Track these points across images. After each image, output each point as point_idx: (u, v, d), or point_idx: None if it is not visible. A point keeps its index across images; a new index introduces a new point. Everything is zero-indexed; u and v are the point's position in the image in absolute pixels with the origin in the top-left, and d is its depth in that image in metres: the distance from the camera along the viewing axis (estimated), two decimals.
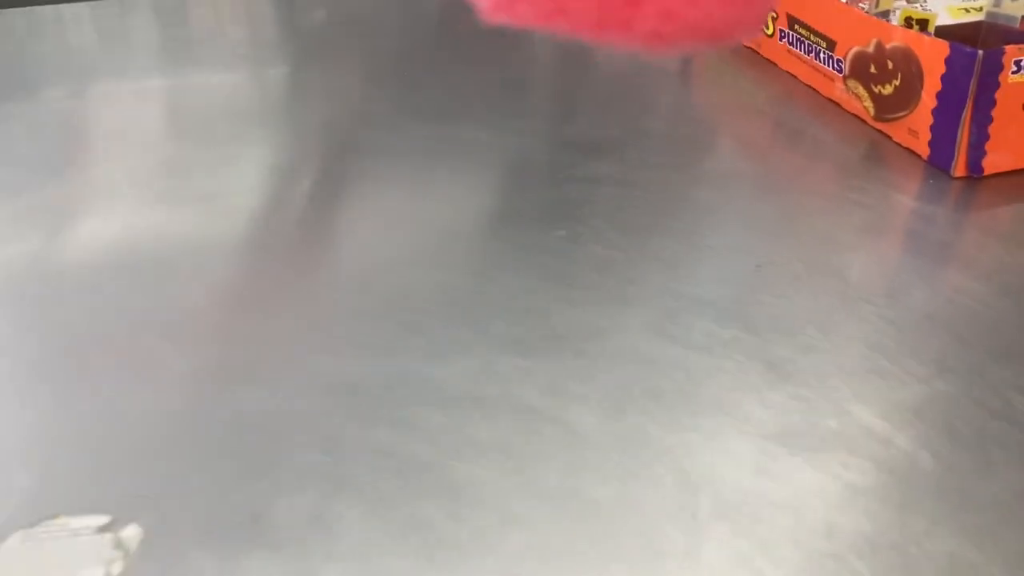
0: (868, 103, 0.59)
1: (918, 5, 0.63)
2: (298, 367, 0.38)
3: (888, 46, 0.55)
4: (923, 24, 0.57)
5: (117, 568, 0.29)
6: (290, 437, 0.34)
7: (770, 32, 0.70)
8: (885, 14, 0.61)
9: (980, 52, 0.49)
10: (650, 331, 0.40)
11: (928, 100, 0.53)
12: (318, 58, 0.81)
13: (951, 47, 0.51)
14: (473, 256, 0.47)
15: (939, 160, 0.54)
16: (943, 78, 0.51)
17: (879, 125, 0.59)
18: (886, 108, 0.57)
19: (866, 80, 0.59)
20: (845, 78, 0.61)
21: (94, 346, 0.39)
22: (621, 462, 0.33)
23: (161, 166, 0.56)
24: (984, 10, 0.61)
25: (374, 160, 0.59)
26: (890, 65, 0.55)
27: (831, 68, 0.62)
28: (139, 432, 0.35)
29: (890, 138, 0.58)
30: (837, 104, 0.63)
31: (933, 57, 0.52)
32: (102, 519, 0.31)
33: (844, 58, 0.60)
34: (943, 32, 0.58)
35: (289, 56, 0.83)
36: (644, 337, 0.40)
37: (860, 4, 0.64)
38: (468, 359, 0.39)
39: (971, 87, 0.50)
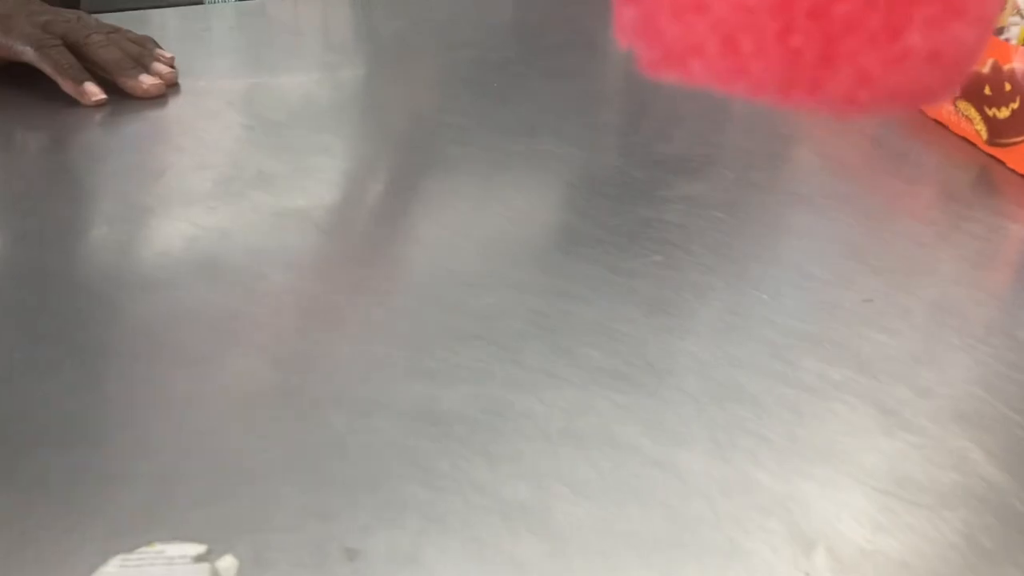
0: (980, 126, 0.56)
1: None
2: (393, 393, 0.37)
3: (1006, 67, 0.53)
4: None
5: None
6: (387, 468, 0.33)
7: None
8: (1000, 31, 0.59)
9: None
10: (756, 368, 0.38)
11: None
12: (398, 68, 0.81)
13: None
14: (564, 279, 0.46)
15: None
16: None
17: (991, 150, 0.56)
18: (1001, 132, 0.55)
19: (979, 102, 0.56)
20: (955, 99, 0.58)
21: (190, 369, 0.39)
22: (729, 511, 0.31)
23: (241, 176, 0.56)
24: None
25: (458, 176, 0.58)
26: (1008, 87, 0.53)
27: None
28: (235, 459, 0.34)
29: (1003, 164, 0.55)
30: (943, 125, 0.61)
31: None
32: (199, 548, 0.30)
33: None
34: None
35: (368, 65, 0.83)
36: (750, 375, 0.38)
37: None
38: (564, 391, 0.37)
39: None
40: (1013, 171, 0.54)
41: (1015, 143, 0.53)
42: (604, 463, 0.34)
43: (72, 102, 0.65)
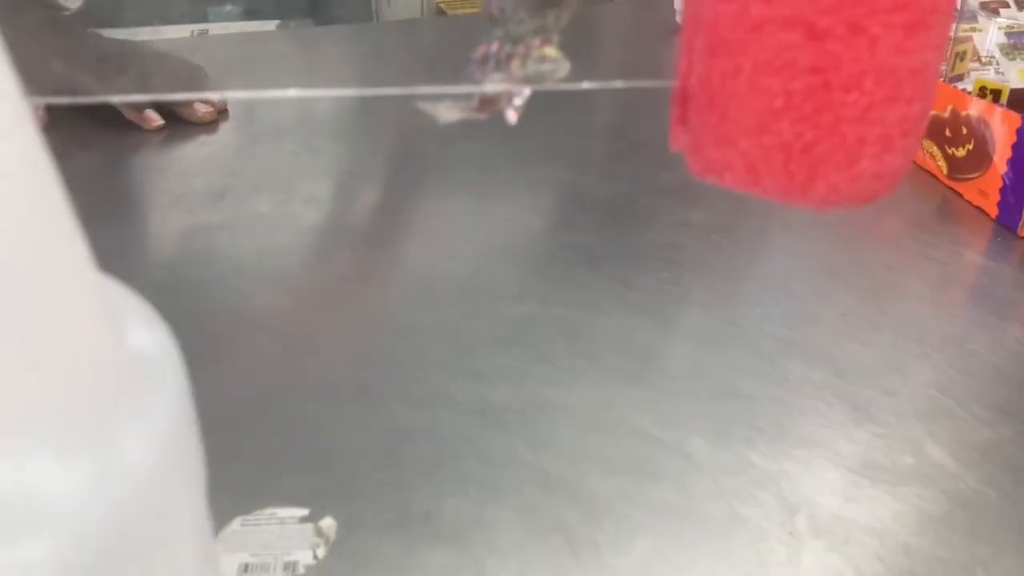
0: (942, 162, 0.65)
1: (991, 69, 0.68)
2: (448, 389, 0.45)
3: (963, 113, 0.61)
4: (996, 95, 0.62)
5: (322, 552, 0.36)
6: (448, 450, 0.41)
7: None
8: (959, 78, 0.67)
9: None
10: (749, 370, 0.46)
11: (999, 165, 0.58)
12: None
13: (1023, 119, 0.56)
14: (584, 292, 0.53)
15: (1007, 220, 0.59)
16: (1014, 147, 0.57)
17: (951, 183, 0.64)
18: (959, 169, 0.63)
19: (941, 141, 0.64)
20: (921, 138, 0.66)
21: (273, 369, 0.47)
22: (729, 485, 0.39)
23: (293, 199, 0.63)
24: None
25: (484, 200, 0.65)
26: (964, 131, 0.61)
27: None
28: (323, 442, 0.42)
29: (961, 196, 0.63)
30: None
31: (1006, 128, 0.57)
32: (303, 511, 0.38)
33: None
34: (1017, 95, 0.63)
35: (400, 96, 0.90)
36: (744, 375, 0.46)
37: None
38: (590, 388, 0.45)
39: None
40: (969, 203, 0.62)
41: (971, 179, 0.62)
42: (625, 446, 0.41)
43: (130, 127, 0.72)
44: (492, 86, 0.20)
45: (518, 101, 0.20)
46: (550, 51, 0.20)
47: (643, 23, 1.20)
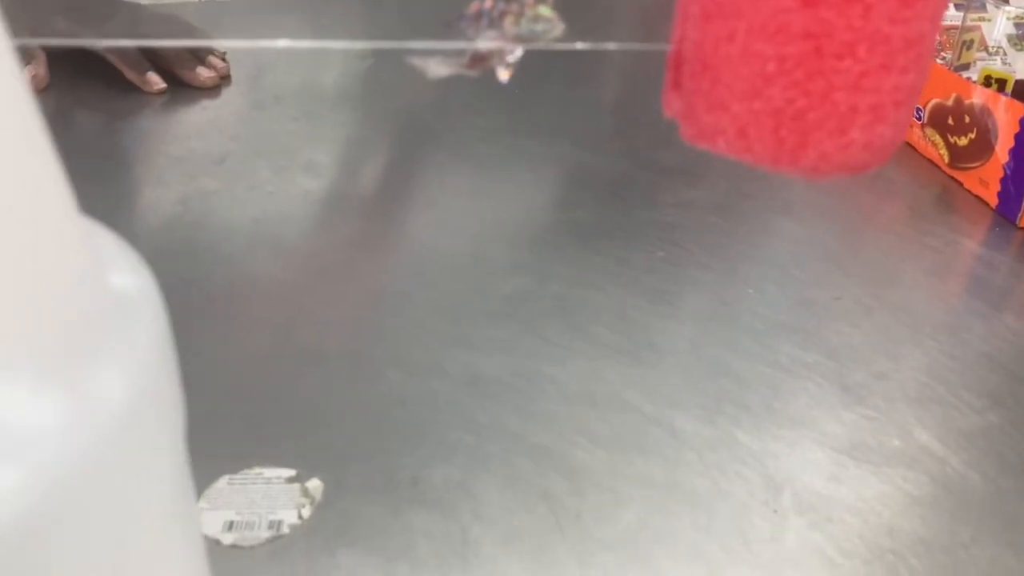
0: (943, 151, 0.64)
1: (998, 59, 0.68)
2: (440, 358, 0.45)
3: (967, 102, 0.61)
4: (1001, 84, 0.62)
5: (307, 512, 0.36)
6: (438, 418, 0.41)
7: None
8: (965, 67, 0.66)
9: None
10: (741, 350, 0.46)
11: (1001, 155, 0.58)
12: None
13: None
14: (580, 269, 0.53)
15: (1006, 210, 0.59)
16: (1016, 137, 0.57)
17: (952, 172, 0.64)
18: (960, 158, 0.63)
19: (943, 130, 0.64)
20: (923, 126, 0.66)
21: (264, 333, 0.47)
22: (715, 461, 0.39)
23: (292, 165, 0.63)
24: None
25: (486, 172, 0.65)
26: (967, 119, 0.61)
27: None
28: (312, 406, 0.42)
29: (961, 185, 0.63)
30: (913, 147, 0.68)
31: (1009, 117, 0.57)
32: (290, 472, 0.38)
33: (923, 107, 0.66)
34: (1022, 85, 0.63)
35: (405, 67, 0.90)
36: (736, 355, 0.46)
37: (942, 55, 0.69)
38: (582, 362, 0.45)
39: None
40: (969, 192, 0.62)
41: (971, 168, 0.61)
42: (613, 420, 0.41)
43: (132, 90, 0.72)
44: (484, 43, 0.20)
45: (510, 59, 0.20)
46: (544, 10, 0.20)
47: None
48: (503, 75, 0.21)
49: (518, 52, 0.20)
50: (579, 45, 0.21)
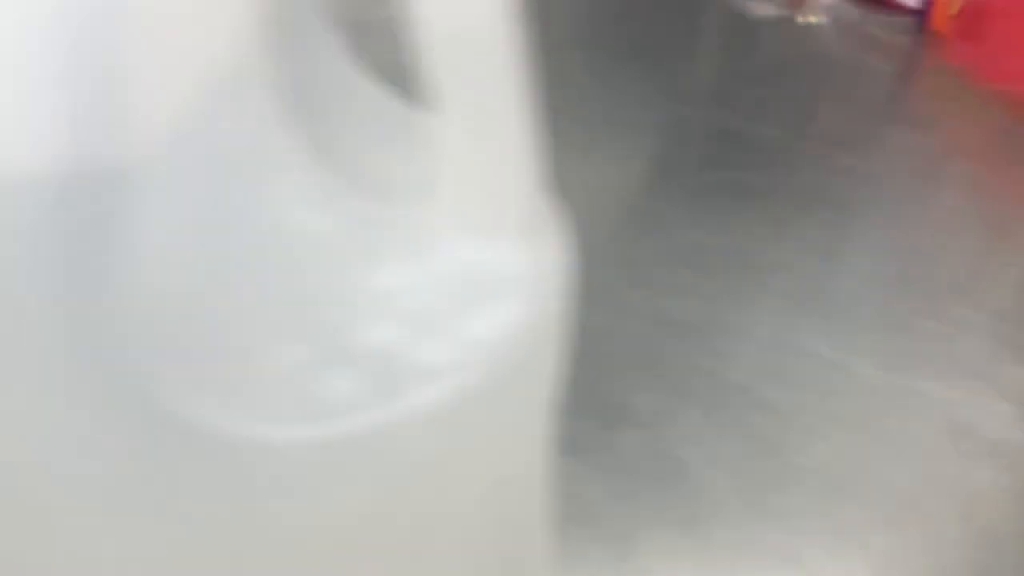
0: None
1: None
2: (622, 299, 0.48)
3: None
4: None
5: None
6: (631, 355, 0.44)
7: None
8: None
9: None
10: (911, 307, 0.48)
11: None
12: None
13: None
14: (750, 225, 0.55)
15: None
16: None
17: None
18: None
19: None
20: None
21: None
22: (898, 405, 0.42)
23: None
24: None
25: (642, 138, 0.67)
26: None
27: None
28: None
29: None
30: None
31: None
32: None
33: None
34: None
35: None
36: (908, 311, 0.48)
37: None
38: (764, 312, 0.48)
39: None
40: None
41: None
42: (799, 365, 0.44)
43: None
44: None
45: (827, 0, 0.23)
46: None
47: None
48: (816, 19, 0.24)
49: None
50: None
